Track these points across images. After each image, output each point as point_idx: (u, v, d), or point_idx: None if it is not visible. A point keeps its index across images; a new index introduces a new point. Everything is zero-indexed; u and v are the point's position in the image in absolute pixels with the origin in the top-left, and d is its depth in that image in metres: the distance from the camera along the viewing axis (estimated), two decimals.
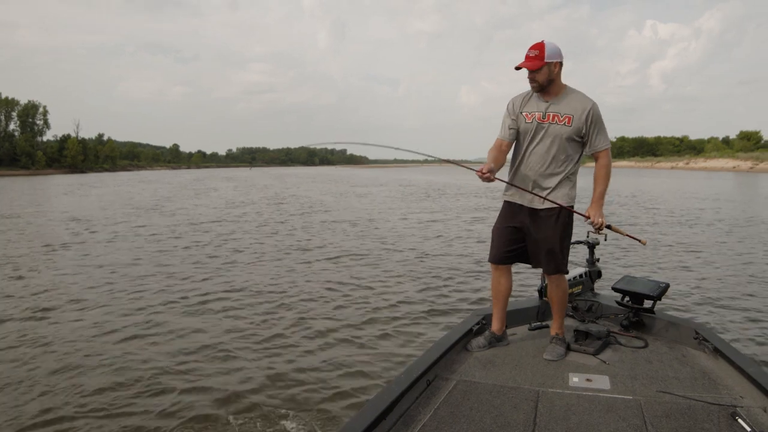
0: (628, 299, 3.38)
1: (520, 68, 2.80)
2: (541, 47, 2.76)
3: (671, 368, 2.71)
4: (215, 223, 14.45)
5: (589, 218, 2.82)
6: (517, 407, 2.30)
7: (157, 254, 9.49)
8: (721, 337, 3.09)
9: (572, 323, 3.30)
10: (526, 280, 6.44)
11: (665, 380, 2.56)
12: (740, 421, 2.11)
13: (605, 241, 3.79)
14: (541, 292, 3.53)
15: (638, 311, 3.31)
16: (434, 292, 6.63)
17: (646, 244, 3.21)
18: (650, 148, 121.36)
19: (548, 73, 2.77)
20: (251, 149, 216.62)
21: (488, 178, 2.74)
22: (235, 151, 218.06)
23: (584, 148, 2.88)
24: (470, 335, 3.09)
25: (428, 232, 12.54)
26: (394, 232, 12.53)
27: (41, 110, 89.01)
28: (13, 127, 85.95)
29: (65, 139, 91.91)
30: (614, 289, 3.43)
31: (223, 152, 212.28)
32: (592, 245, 3.94)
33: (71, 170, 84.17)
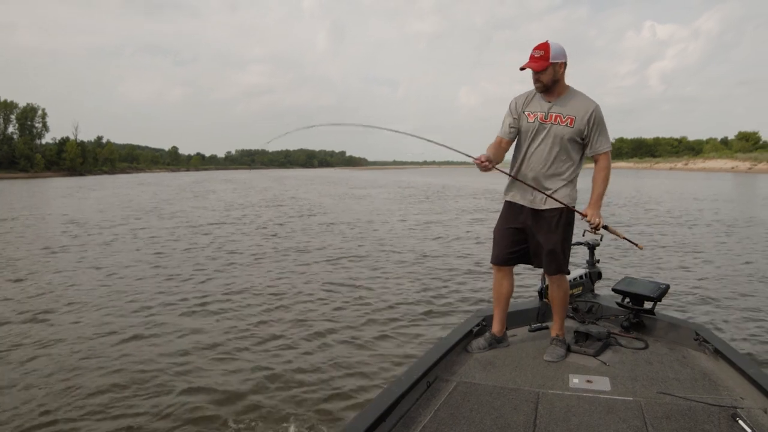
0: (628, 300, 3.37)
1: (524, 69, 2.77)
2: (546, 48, 2.73)
3: (672, 369, 2.71)
4: (214, 225, 14.45)
5: (586, 216, 2.82)
6: (517, 409, 2.29)
7: (156, 256, 9.48)
8: (721, 338, 3.09)
9: (572, 324, 3.29)
10: (526, 281, 6.43)
11: (666, 381, 2.56)
12: (740, 422, 2.10)
13: (600, 241, 3.79)
14: (541, 293, 3.53)
15: (638, 312, 3.30)
16: (433, 292, 6.63)
17: (643, 248, 3.19)
18: (649, 149, 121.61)
19: (553, 73, 2.75)
20: (250, 151, 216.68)
21: (486, 166, 2.74)
22: (234, 153, 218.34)
23: (585, 149, 2.87)
24: (470, 336, 3.09)
25: (427, 233, 12.54)
26: (393, 233, 12.54)
27: (40, 113, 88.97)
28: (11, 129, 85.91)
29: (64, 141, 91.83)
30: (614, 290, 3.43)
31: (222, 154, 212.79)
32: (592, 246, 3.94)
33: (70, 173, 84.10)
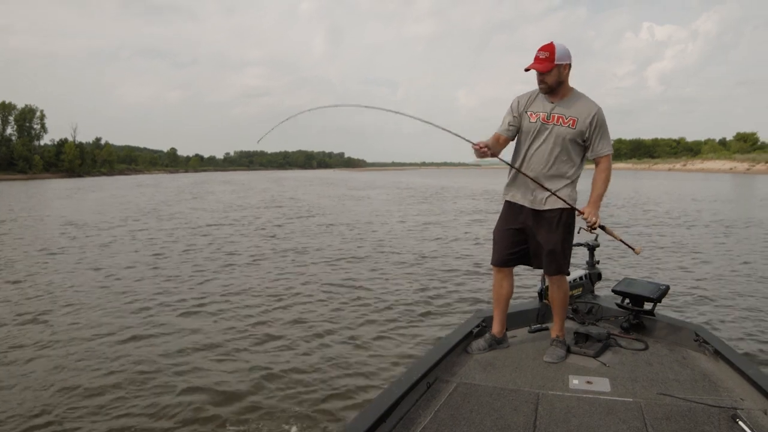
0: (628, 301, 3.37)
1: (529, 70, 2.76)
2: (551, 49, 2.70)
3: (671, 370, 2.71)
4: (213, 226, 14.43)
5: (582, 214, 2.80)
6: (517, 410, 2.29)
7: (155, 258, 9.47)
8: (721, 339, 3.09)
9: (572, 325, 3.29)
10: (526, 281, 6.43)
11: (665, 382, 2.56)
12: (741, 423, 2.10)
13: (595, 240, 3.79)
14: (541, 294, 3.53)
15: (638, 313, 3.30)
16: (432, 293, 6.62)
17: (639, 253, 3.16)
18: (647, 149, 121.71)
19: (558, 75, 2.74)
20: (249, 152, 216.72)
21: (484, 152, 2.75)
22: (232, 154, 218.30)
23: (586, 152, 2.87)
24: (470, 337, 3.08)
25: (426, 234, 12.54)
26: (392, 234, 12.53)
27: (38, 114, 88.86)
28: (10, 131, 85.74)
29: (62, 143, 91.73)
30: (614, 291, 3.42)
31: (220, 156, 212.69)
32: (592, 248, 3.93)
33: (68, 174, 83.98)
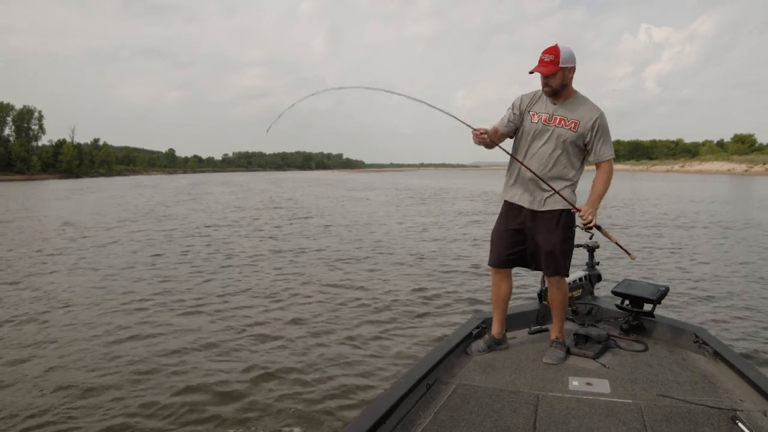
0: (627, 303, 3.37)
1: (533, 72, 2.74)
2: (556, 52, 2.68)
3: (671, 372, 2.71)
4: (211, 227, 14.42)
5: (579, 211, 2.78)
6: (516, 411, 2.29)
7: (153, 258, 9.45)
8: (720, 340, 3.09)
9: (572, 327, 3.28)
10: (525, 283, 6.43)
11: (665, 384, 2.55)
12: (740, 424, 2.10)
13: (595, 242, 3.78)
14: (540, 295, 3.52)
15: (638, 315, 3.30)
16: (431, 294, 6.62)
17: (634, 258, 3.15)
18: (645, 151, 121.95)
19: (562, 78, 2.73)
20: (247, 153, 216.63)
21: (483, 139, 2.77)
22: (231, 155, 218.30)
23: (587, 156, 2.86)
24: (470, 339, 3.08)
25: (425, 235, 12.54)
26: (390, 235, 12.53)
27: (36, 115, 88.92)
28: (8, 132, 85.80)
29: (61, 144, 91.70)
30: (614, 292, 3.42)
31: (219, 157, 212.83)
32: (591, 249, 3.93)
33: (67, 175, 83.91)
